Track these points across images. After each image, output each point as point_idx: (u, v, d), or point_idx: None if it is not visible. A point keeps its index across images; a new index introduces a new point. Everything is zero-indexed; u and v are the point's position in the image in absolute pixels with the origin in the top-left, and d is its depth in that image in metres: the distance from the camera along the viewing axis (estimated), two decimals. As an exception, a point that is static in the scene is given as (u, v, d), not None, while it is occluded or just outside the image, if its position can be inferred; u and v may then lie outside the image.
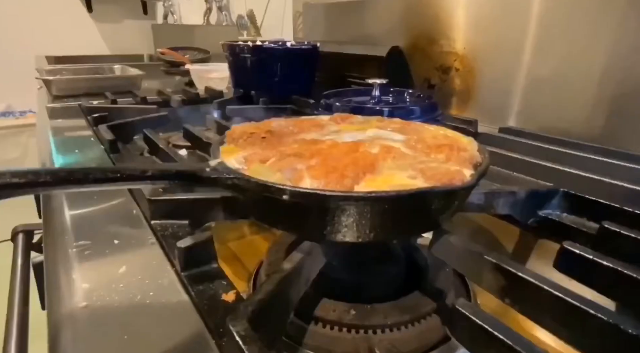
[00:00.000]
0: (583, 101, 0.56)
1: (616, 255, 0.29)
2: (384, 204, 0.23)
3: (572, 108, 0.57)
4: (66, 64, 1.45)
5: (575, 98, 0.57)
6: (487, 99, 0.68)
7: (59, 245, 0.32)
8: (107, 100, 0.81)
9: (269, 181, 0.25)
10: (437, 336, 0.28)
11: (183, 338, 0.22)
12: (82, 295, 0.25)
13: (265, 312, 0.22)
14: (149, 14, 2.23)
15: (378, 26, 0.87)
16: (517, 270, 0.24)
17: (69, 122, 0.75)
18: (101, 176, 0.22)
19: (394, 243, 0.36)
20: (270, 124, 0.36)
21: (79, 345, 0.22)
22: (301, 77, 0.84)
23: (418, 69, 0.78)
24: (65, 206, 0.38)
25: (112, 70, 1.11)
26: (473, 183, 0.25)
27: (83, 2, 2.15)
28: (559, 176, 0.43)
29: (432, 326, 0.31)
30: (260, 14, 1.23)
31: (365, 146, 0.31)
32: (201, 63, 1.06)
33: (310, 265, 0.27)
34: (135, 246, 0.31)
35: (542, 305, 0.23)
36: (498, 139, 0.56)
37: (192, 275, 0.27)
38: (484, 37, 0.67)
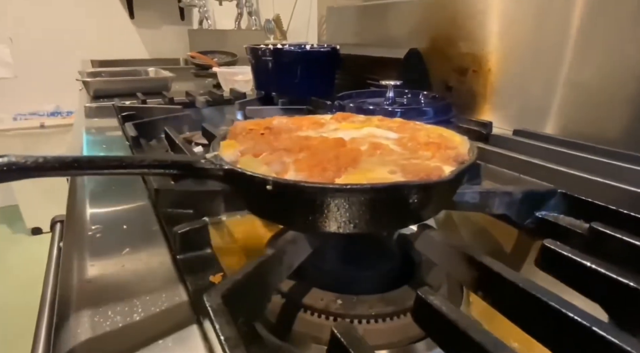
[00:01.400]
0: (605, 103, 0.54)
1: (606, 256, 0.29)
2: (358, 195, 0.25)
3: (594, 111, 0.56)
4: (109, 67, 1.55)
5: (597, 101, 0.55)
6: (504, 101, 0.67)
7: (76, 228, 0.35)
8: (137, 100, 0.87)
9: (254, 173, 0.27)
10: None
11: (170, 311, 0.25)
12: (88, 271, 0.28)
13: (241, 292, 0.23)
14: (186, 19, 2.33)
15: (398, 29, 0.87)
16: (489, 263, 0.24)
17: (102, 120, 0.81)
18: (103, 164, 0.25)
19: (388, 237, 0.37)
20: (271, 121, 0.38)
21: (81, 314, 0.24)
22: (321, 79, 0.86)
23: (436, 71, 0.78)
24: (86, 195, 0.41)
25: (146, 72, 1.18)
26: (449, 179, 0.26)
27: (126, 9, 2.28)
28: (566, 179, 0.42)
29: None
30: (287, 18, 1.26)
31: (356, 143, 0.33)
32: (228, 66, 1.10)
33: (294, 253, 0.28)
34: (141, 232, 0.34)
35: (510, 298, 0.23)
36: (510, 142, 0.55)
37: (187, 258, 0.30)
38: (502, 38, 0.67)
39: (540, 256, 0.27)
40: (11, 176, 0.22)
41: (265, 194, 0.27)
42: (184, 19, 2.34)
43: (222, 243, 0.42)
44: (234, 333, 0.19)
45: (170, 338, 0.22)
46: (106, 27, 2.30)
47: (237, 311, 0.23)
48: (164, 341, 0.22)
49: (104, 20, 2.29)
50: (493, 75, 0.68)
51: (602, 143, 0.51)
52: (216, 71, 1.02)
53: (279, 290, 0.34)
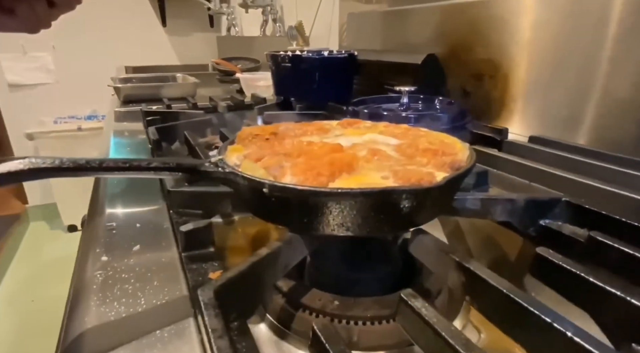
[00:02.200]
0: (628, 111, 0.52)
1: (604, 265, 0.29)
2: (347, 199, 0.26)
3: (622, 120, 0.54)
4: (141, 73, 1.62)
5: (627, 109, 0.53)
6: (522, 107, 0.66)
7: (94, 226, 0.38)
8: (163, 105, 0.91)
9: (252, 176, 0.28)
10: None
11: (170, 305, 0.26)
12: (99, 265, 0.30)
13: (235, 289, 0.25)
14: (215, 26, 2.41)
15: (417, 34, 0.87)
16: (475, 269, 0.24)
17: (130, 124, 0.85)
18: (113, 165, 0.27)
19: (391, 241, 0.37)
20: (278, 127, 0.40)
21: (90, 304, 0.26)
22: (338, 85, 0.87)
23: (453, 76, 0.78)
24: (107, 195, 0.44)
25: (174, 78, 1.23)
26: (439, 185, 0.26)
27: (159, 18, 2.38)
28: (577, 187, 0.41)
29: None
30: (309, 24, 1.29)
31: (356, 149, 0.34)
32: (251, 72, 1.13)
33: (289, 253, 0.29)
34: (152, 230, 0.36)
35: (494, 303, 0.23)
36: (525, 148, 0.54)
37: (191, 255, 0.31)
38: (521, 44, 0.66)
39: (534, 264, 0.27)
40: (30, 176, 0.25)
41: (263, 197, 0.29)
42: (213, 26, 2.41)
43: (234, 242, 0.44)
44: (220, 325, 0.21)
45: (167, 329, 0.24)
46: (140, 35, 2.41)
47: (230, 306, 0.24)
48: (161, 332, 0.24)
49: (138, 29, 2.39)
50: (510, 81, 0.67)
51: (627, 151, 0.49)
52: (239, 76, 1.05)
53: (280, 289, 0.36)
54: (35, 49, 2.29)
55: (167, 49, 2.47)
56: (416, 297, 0.23)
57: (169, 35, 2.45)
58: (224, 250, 0.42)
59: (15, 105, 2.35)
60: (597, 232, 0.29)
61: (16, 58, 2.29)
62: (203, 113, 0.79)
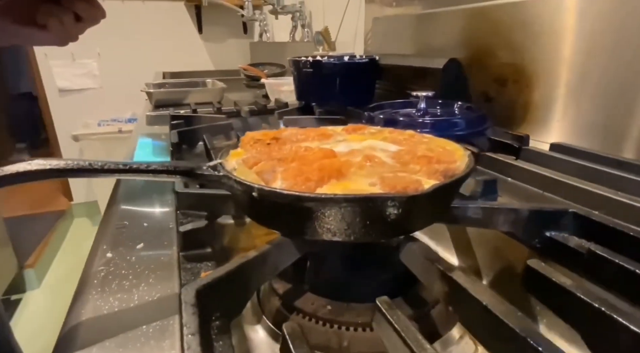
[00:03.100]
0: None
1: (604, 280, 0.27)
2: (331, 205, 0.26)
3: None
4: (177, 78, 1.69)
5: None
6: (546, 113, 0.64)
7: (106, 223, 0.40)
8: (190, 109, 0.94)
9: (243, 180, 0.29)
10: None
11: (161, 302, 0.28)
12: (104, 261, 0.32)
13: (220, 289, 0.26)
14: (248, 33, 2.47)
15: (441, 38, 0.86)
16: (458, 278, 0.24)
17: (159, 128, 0.89)
18: (114, 168, 0.29)
19: (388, 247, 0.37)
20: (282, 132, 0.41)
21: (88, 298, 0.28)
22: (359, 89, 0.87)
23: (476, 81, 0.76)
24: (122, 195, 0.46)
25: (204, 83, 1.27)
26: (424, 193, 0.26)
27: (195, 25, 2.47)
28: (592, 198, 0.39)
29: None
30: (335, 30, 1.29)
31: (352, 154, 0.34)
32: (276, 77, 1.16)
33: (278, 256, 0.30)
34: (158, 229, 0.38)
35: (474, 315, 0.23)
36: (543, 157, 0.52)
37: (188, 255, 0.33)
38: (543, 48, 0.63)
39: (525, 276, 0.26)
40: (38, 176, 0.27)
41: (254, 200, 0.29)
42: (247, 33, 2.48)
43: (244, 244, 0.45)
44: (195, 323, 0.21)
45: (153, 325, 0.25)
46: (178, 42, 2.51)
47: (213, 305, 0.25)
48: (147, 327, 0.25)
49: (176, 36, 2.50)
50: (534, 86, 0.65)
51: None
52: (264, 81, 1.08)
53: (276, 291, 0.36)
54: (82, 57, 2.44)
55: (202, 55, 2.56)
56: (390, 305, 0.23)
57: (205, 42, 2.54)
58: (233, 251, 0.43)
59: (64, 108, 2.52)
60: (599, 246, 0.28)
61: (66, 65, 2.45)
62: (225, 117, 0.82)
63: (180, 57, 2.52)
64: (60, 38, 0.56)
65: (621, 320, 0.20)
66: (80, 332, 0.25)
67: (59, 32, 0.54)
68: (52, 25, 0.53)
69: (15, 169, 0.26)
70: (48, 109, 2.52)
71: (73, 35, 0.57)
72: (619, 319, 0.20)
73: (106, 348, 0.23)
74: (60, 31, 0.54)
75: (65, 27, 0.54)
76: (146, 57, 2.47)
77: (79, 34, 0.58)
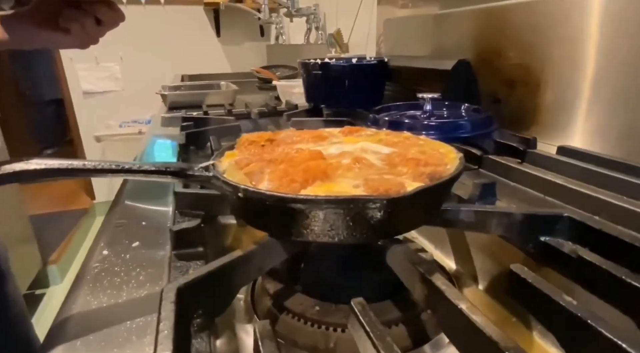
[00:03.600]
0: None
1: (592, 287, 0.26)
2: (312, 206, 0.26)
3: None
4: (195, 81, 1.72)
5: None
6: (556, 116, 0.62)
7: (107, 222, 0.41)
8: (201, 111, 0.96)
9: (230, 181, 0.29)
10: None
11: (148, 299, 0.28)
12: (100, 257, 0.33)
13: (202, 287, 0.26)
14: (265, 35, 2.50)
15: (451, 39, 0.85)
16: (436, 282, 0.24)
17: (171, 129, 0.91)
18: (107, 168, 0.30)
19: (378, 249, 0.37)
20: (278, 134, 0.41)
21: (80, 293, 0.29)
22: (368, 91, 0.87)
23: (485, 82, 0.75)
24: (125, 195, 0.48)
25: (218, 86, 1.29)
26: (405, 196, 0.26)
27: (213, 29, 2.51)
28: (593, 203, 0.38)
29: (394, 335, 0.32)
30: (348, 32, 1.30)
31: (342, 156, 0.34)
32: (288, 79, 1.17)
33: (264, 257, 0.30)
34: (155, 228, 0.39)
35: (450, 319, 0.22)
36: (548, 160, 0.51)
37: (179, 254, 0.33)
38: (553, 48, 0.62)
39: (508, 281, 0.26)
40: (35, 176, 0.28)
41: (241, 200, 0.30)
42: (264, 35, 2.50)
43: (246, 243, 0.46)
44: (171, 319, 0.22)
45: (137, 321, 0.26)
46: (197, 45, 2.56)
47: (195, 303, 0.26)
48: (130, 323, 0.26)
49: (195, 39, 2.55)
50: (544, 88, 0.63)
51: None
52: (275, 84, 1.09)
53: (268, 291, 0.37)
54: (106, 60, 2.52)
55: (220, 58, 2.60)
56: (365, 307, 0.23)
57: (223, 45, 2.58)
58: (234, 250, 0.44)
59: (88, 110, 2.60)
60: (589, 252, 0.27)
61: (90, 68, 2.53)
62: (234, 119, 0.83)
63: (199, 59, 2.57)
64: (82, 41, 0.59)
65: (599, 329, 0.20)
66: (68, 326, 0.26)
67: (80, 35, 0.57)
68: (74, 29, 0.56)
69: (12, 169, 0.28)
70: (73, 111, 2.61)
71: (94, 39, 0.59)
72: (597, 328, 0.20)
73: (89, 342, 0.24)
74: (82, 35, 0.57)
75: (86, 30, 0.56)
76: (166, 60, 2.53)
77: (99, 37, 0.60)
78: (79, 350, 0.23)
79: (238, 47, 2.60)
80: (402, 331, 0.32)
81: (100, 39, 0.61)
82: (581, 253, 0.27)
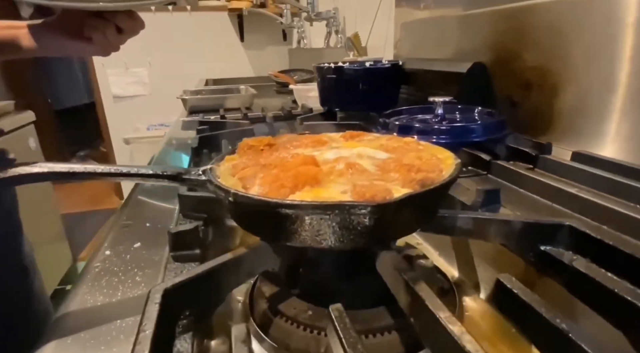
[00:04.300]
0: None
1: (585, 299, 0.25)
2: (296, 211, 0.26)
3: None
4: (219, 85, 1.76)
5: None
6: (573, 120, 0.60)
7: (116, 222, 0.43)
8: (218, 115, 0.98)
9: (222, 185, 0.30)
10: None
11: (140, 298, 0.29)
12: (102, 257, 0.35)
13: (190, 289, 0.27)
14: (287, 40, 2.53)
15: (468, 42, 0.83)
16: (419, 291, 0.23)
17: (188, 132, 0.94)
18: (107, 171, 0.31)
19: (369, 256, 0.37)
20: (278, 139, 0.42)
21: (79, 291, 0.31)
22: (382, 95, 0.86)
23: (501, 85, 0.73)
24: (135, 197, 0.49)
25: (238, 90, 1.32)
26: (390, 202, 0.26)
27: (238, 34, 2.56)
28: (600, 211, 0.37)
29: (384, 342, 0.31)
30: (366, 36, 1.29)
31: (337, 162, 0.34)
32: (305, 83, 1.18)
33: (254, 260, 0.30)
34: (159, 230, 0.40)
35: (430, 330, 0.22)
36: (561, 166, 0.49)
37: (176, 255, 0.34)
38: (574, 50, 0.59)
39: (495, 291, 0.25)
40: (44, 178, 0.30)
41: (232, 204, 0.30)
42: (286, 40, 2.53)
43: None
44: (153, 319, 0.23)
45: (127, 320, 0.27)
46: (222, 49, 2.62)
47: (182, 305, 0.26)
48: (121, 322, 0.27)
49: (219, 45, 2.61)
50: (563, 91, 0.61)
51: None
52: (292, 88, 1.10)
53: (264, 294, 0.37)
54: (135, 66, 2.61)
55: (244, 62, 2.65)
56: (341, 313, 0.22)
57: (246, 49, 2.63)
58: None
59: (118, 114, 2.70)
60: (585, 262, 0.26)
61: (120, 73, 2.63)
62: (248, 123, 0.84)
63: (223, 64, 2.62)
64: (104, 49, 0.62)
65: (579, 343, 0.19)
66: (63, 323, 0.27)
67: (102, 43, 0.60)
68: (96, 38, 0.59)
69: (18, 172, 0.29)
70: (104, 114, 2.72)
71: (115, 46, 0.62)
72: (577, 341, 0.19)
73: (80, 339, 0.25)
74: (104, 43, 0.60)
75: (108, 39, 0.59)
76: (192, 65, 2.60)
77: (120, 45, 0.63)
78: (69, 346, 0.24)
79: (261, 52, 2.64)
80: (394, 338, 0.32)
81: (122, 46, 0.64)
82: (575, 263, 0.26)
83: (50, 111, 3.42)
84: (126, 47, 0.63)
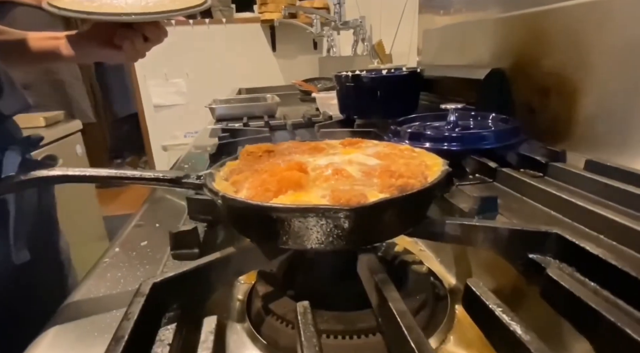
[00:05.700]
0: None
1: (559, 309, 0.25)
2: (275, 214, 0.28)
3: None
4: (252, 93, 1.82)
5: None
6: (591, 128, 0.58)
7: (130, 221, 0.46)
8: (241, 123, 1.02)
9: (213, 188, 0.32)
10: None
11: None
12: (111, 254, 0.38)
13: (178, 284, 0.29)
14: (318, 48, 2.57)
15: (486, 48, 0.82)
16: (386, 293, 0.24)
17: (213, 139, 0.98)
18: (112, 175, 0.34)
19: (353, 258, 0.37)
20: (279, 145, 0.44)
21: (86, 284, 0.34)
22: (399, 102, 0.86)
23: (519, 92, 0.71)
24: (150, 200, 0.53)
25: (264, 99, 1.36)
26: (362, 206, 0.27)
27: (270, 44, 2.64)
28: (600, 222, 0.35)
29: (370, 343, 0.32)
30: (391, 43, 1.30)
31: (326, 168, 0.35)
32: (327, 91, 1.20)
33: (243, 260, 0.32)
34: (166, 230, 0.43)
35: (392, 331, 0.23)
36: (570, 175, 0.47)
37: (176, 254, 0.37)
38: (591, 55, 0.58)
39: (463, 296, 0.25)
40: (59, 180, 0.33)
41: (222, 207, 0.33)
42: (317, 48, 2.58)
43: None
44: (137, 309, 0.25)
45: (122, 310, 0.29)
46: (254, 60, 2.70)
47: (170, 299, 0.28)
48: (115, 311, 0.29)
49: (252, 55, 2.70)
50: (579, 97, 0.59)
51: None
52: (314, 96, 1.12)
53: (258, 293, 0.39)
54: (174, 76, 2.75)
55: (276, 71, 2.72)
56: (306, 309, 0.24)
57: (278, 59, 2.70)
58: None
59: (157, 122, 2.85)
60: (557, 272, 0.25)
61: (160, 84, 2.77)
62: (268, 130, 0.87)
63: (256, 73, 2.70)
64: (132, 56, 0.68)
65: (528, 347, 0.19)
66: (67, 311, 0.30)
67: (130, 51, 0.65)
68: (125, 46, 0.64)
69: (36, 175, 0.33)
70: (145, 123, 2.88)
71: (142, 54, 0.68)
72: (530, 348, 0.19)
73: (78, 325, 0.28)
74: (132, 50, 0.65)
75: (135, 47, 0.65)
76: (227, 75, 2.70)
77: (146, 52, 0.68)
78: (67, 331, 0.27)
79: (292, 61, 2.70)
80: (378, 340, 0.32)
81: (162, 58, 0.69)
82: (549, 270, 0.25)
83: (102, 118, 3.65)
84: (166, 59, 0.69)
